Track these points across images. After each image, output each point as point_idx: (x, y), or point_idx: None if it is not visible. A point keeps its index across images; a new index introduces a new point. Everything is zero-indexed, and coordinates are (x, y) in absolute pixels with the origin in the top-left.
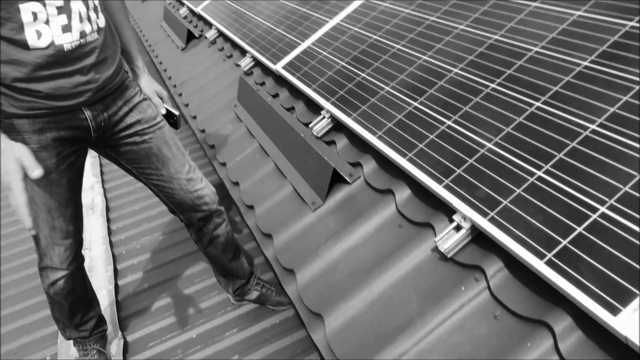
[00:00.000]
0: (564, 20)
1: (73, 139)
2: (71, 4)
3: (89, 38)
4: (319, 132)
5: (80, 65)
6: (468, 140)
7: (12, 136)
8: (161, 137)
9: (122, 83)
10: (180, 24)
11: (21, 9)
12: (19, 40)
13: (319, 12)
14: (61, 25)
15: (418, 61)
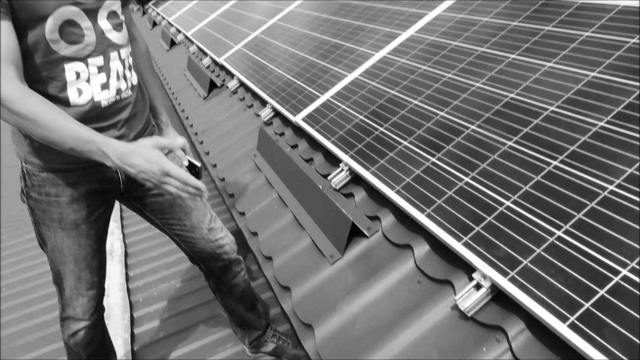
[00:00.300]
0: (579, 80)
1: (103, 191)
2: (110, 63)
3: (124, 95)
4: (338, 185)
5: (114, 120)
6: (486, 198)
7: (46, 189)
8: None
9: (150, 136)
10: (203, 74)
11: (66, 69)
12: (62, 97)
13: (338, 66)
14: (100, 83)
15: (435, 117)
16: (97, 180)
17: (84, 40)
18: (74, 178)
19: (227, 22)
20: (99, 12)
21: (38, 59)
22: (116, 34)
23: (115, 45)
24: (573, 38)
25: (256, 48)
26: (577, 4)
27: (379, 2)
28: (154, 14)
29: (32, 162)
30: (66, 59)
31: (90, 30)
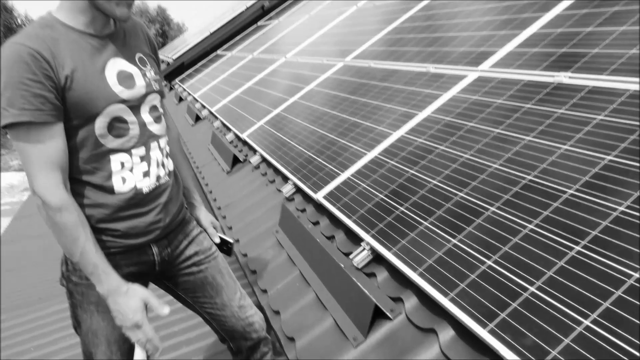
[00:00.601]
0: (595, 164)
1: (139, 274)
2: (151, 152)
3: (162, 181)
4: (359, 264)
5: (153, 205)
6: (510, 283)
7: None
8: (215, 266)
9: (183, 218)
10: (226, 149)
11: (111, 160)
12: (107, 186)
13: (358, 145)
14: (142, 172)
15: (455, 197)
16: (135, 263)
17: (129, 134)
18: (113, 262)
19: (249, 99)
20: (142, 107)
21: (87, 153)
22: (157, 126)
23: (156, 135)
24: (586, 121)
25: (278, 125)
26: (589, 88)
27: (396, 83)
28: (180, 90)
29: None
30: (112, 151)
31: (135, 124)
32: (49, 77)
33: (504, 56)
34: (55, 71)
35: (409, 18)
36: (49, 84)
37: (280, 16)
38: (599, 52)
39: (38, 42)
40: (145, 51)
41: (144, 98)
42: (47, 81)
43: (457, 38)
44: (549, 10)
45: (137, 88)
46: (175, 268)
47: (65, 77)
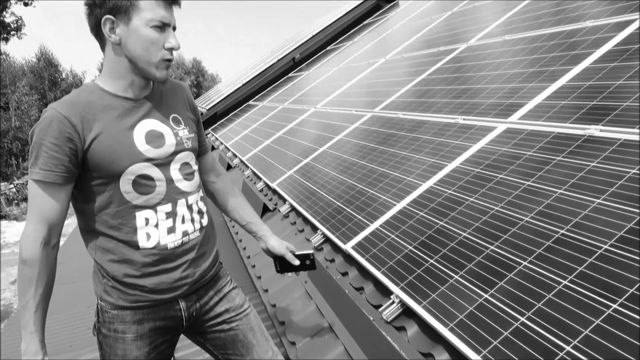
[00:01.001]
0: (630, 219)
1: (167, 328)
2: (177, 209)
3: (191, 237)
4: (389, 317)
5: (181, 261)
6: (544, 341)
7: (115, 326)
8: (247, 323)
9: (215, 274)
10: (256, 197)
11: (137, 216)
12: (132, 241)
13: (387, 195)
14: (167, 228)
15: (485, 251)
16: (162, 318)
17: (154, 191)
18: (140, 315)
19: (279, 148)
20: (171, 165)
21: (113, 209)
22: (186, 183)
23: (184, 192)
24: (619, 175)
25: (307, 174)
26: (620, 141)
27: (424, 134)
28: (213, 139)
29: (106, 299)
30: (137, 207)
31: (162, 181)
32: (71, 141)
33: (533, 108)
34: (80, 135)
35: (436, 69)
36: (68, 148)
37: (311, 68)
38: (629, 105)
39: (70, 107)
40: (181, 111)
41: (173, 156)
42: (68, 145)
43: (485, 89)
44: (578, 63)
45: (166, 147)
46: (205, 324)
47: (92, 139)
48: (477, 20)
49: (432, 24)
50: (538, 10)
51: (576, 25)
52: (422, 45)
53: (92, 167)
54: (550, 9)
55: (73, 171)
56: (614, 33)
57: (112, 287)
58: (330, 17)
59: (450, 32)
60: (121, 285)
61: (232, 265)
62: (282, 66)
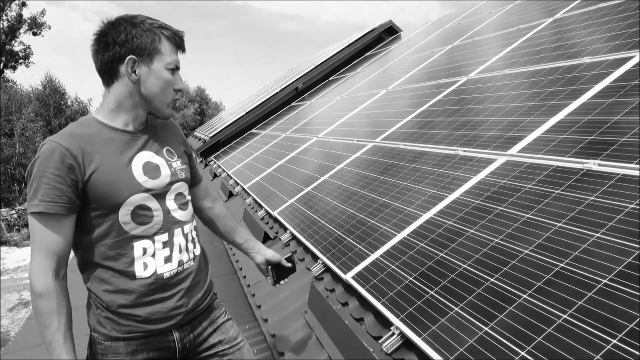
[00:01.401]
0: (629, 253)
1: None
2: (174, 238)
3: (186, 266)
4: (389, 349)
5: (175, 290)
6: None
7: (107, 357)
8: (240, 357)
9: (209, 305)
10: (257, 225)
11: (134, 246)
12: (129, 272)
13: (387, 225)
14: (164, 257)
15: (485, 283)
16: (156, 349)
17: (152, 221)
18: (134, 346)
19: (281, 177)
20: (167, 195)
21: (111, 240)
22: (181, 212)
23: (180, 222)
24: (618, 209)
25: (308, 203)
26: (618, 176)
27: (425, 165)
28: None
29: (99, 331)
30: (135, 237)
31: (159, 211)
32: (73, 171)
33: (532, 141)
34: (81, 166)
35: (437, 101)
36: (70, 179)
37: (313, 97)
38: (627, 140)
39: (70, 140)
40: (174, 144)
41: (169, 186)
42: (70, 175)
43: (486, 122)
44: (577, 98)
45: (162, 177)
46: (198, 356)
47: (92, 171)
48: (478, 54)
49: (433, 57)
50: (537, 46)
51: (575, 61)
52: (424, 77)
53: (92, 198)
54: (549, 45)
55: (75, 202)
56: (612, 69)
57: (106, 317)
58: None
59: (452, 64)
60: (115, 316)
61: (232, 294)
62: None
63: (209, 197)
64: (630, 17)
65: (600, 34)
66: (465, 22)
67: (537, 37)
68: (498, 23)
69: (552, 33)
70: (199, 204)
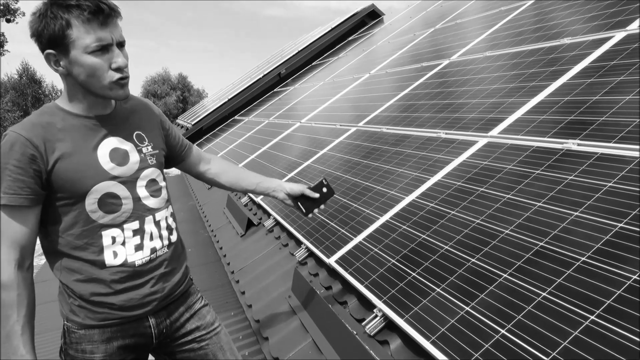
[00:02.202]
0: (607, 231)
1: (136, 346)
2: (145, 226)
3: (159, 253)
4: (372, 331)
5: (149, 277)
6: (525, 353)
7: (82, 346)
8: (217, 342)
9: (186, 290)
10: (241, 212)
11: (103, 235)
12: (98, 260)
13: (370, 209)
14: (134, 245)
15: (467, 263)
16: (131, 335)
17: (121, 209)
18: (108, 334)
19: (265, 163)
20: (137, 182)
21: (79, 229)
22: (153, 200)
23: (151, 209)
24: (596, 188)
25: None
26: (597, 155)
27: (407, 148)
28: None
29: (73, 320)
30: (104, 226)
31: (128, 199)
32: (35, 162)
33: (513, 122)
34: (43, 155)
35: (420, 84)
36: (32, 170)
37: (296, 83)
38: (606, 120)
39: (32, 129)
40: (145, 128)
41: (138, 173)
42: (32, 166)
43: (467, 104)
44: (557, 79)
45: (131, 164)
46: (175, 342)
47: (55, 160)
48: (460, 36)
49: (415, 40)
50: (518, 28)
51: (555, 42)
52: (406, 61)
53: (57, 188)
54: (530, 27)
55: (39, 192)
56: (592, 50)
57: (79, 306)
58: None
59: (434, 47)
60: (88, 304)
61: (218, 282)
62: (268, 81)
63: (203, 160)
64: None
65: (580, 15)
66: (447, 5)
67: (518, 18)
68: (480, 5)
69: (533, 15)
70: (196, 170)
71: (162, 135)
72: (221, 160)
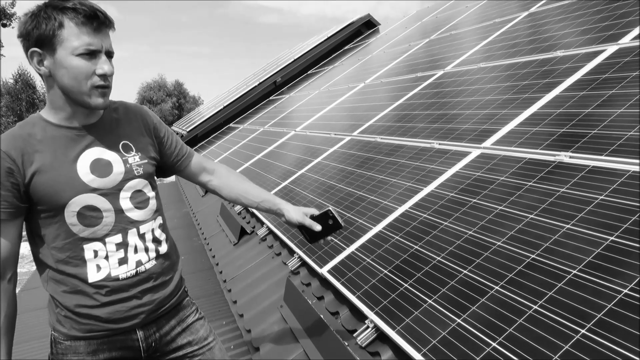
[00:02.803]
0: (598, 244)
1: (123, 359)
2: (128, 239)
3: (147, 266)
4: (363, 343)
5: (136, 291)
6: None
7: (68, 357)
8: (210, 357)
9: (178, 303)
10: (234, 220)
11: (85, 249)
12: (81, 275)
13: (363, 219)
14: (118, 259)
15: (459, 275)
16: (118, 348)
17: (101, 222)
18: (95, 346)
19: (259, 171)
20: (121, 194)
21: (60, 242)
22: (138, 212)
23: (135, 222)
24: (588, 201)
25: (286, 197)
26: (589, 168)
27: (401, 158)
28: None
29: (59, 330)
30: (85, 239)
31: (110, 212)
32: (12, 175)
33: (506, 134)
34: (20, 168)
35: (414, 95)
36: (10, 183)
37: (292, 91)
38: (598, 132)
39: (11, 142)
40: (134, 137)
41: (122, 184)
42: (9, 179)
43: (461, 115)
44: (550, 90)
45: (113, 175)
46: (165, 357)
47: (33, 172)
48: (455, 47)
49: (411, 50)
50: (513, 40)
51: (549, 55)
52: (401, 71)
53: (36, 200)
54: (524, 38)
55: (18, 205)
56: (584, 63)
57: (65, 316)
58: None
59: (429, 58)
60: (74, 315)
61: (211, 290)
62: (264, 89)
63: (205, 171)
64: (602, 12)
65: (573, 28)
66: (442, 16)
67: (512, 30)
68: (475, 16)
69: (527, 27)
70: (197, 180)
71: (155, 144)
72: (225, 172)
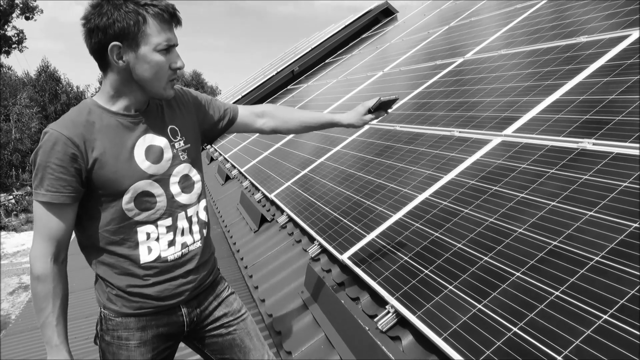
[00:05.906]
0: (622, 231)
1: (169, 334)
2: (177, 222)
3: (191, 247)
4: (384, 327)
5: (181, 272)
6: (537, 351)
7: (118, 333)
8: (244, 328)
9: (214, 280)
10: (254, 208)
11: (138, 231)
12: (133, 256)
13: (383, 206)
14: (167, 241)
15: (480, 262)
16: (164, 324)
17: (155, 207)
18: (144, 322)
19: (278, 160)
20: (170, 179)
21: (114, 226)
22: (185, 196)
23: (184, 205)
24: (612, 188)
25: (305, 185)
26: (612, 155)
27: (421, 146)
28: (212, 150)
29: (110, 308)
30: (139, 223)
31: (162, 197)
32: (76, 161)
33: (528, 121)
34: (84, 154)
35: (434, 82)
36: (74, 168)
37: (309, 80)
38: (621, 119)
39: (72, 128)
40: (178, 120)
41: (171, 169)
42: (73, 165)
43: (482, 102)
44: (573, 77)
45: (164, 161)
46: (204, 329)
47: (95, 159)
48: (475, 34)
49: (430, 38)
50: (534, 25)
51: (572, 40)
52: (420, 59)
53: (96, 186)
54: (546, 24)
55: (80, 190)
56: (609, 48)
57: (117, 295)
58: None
59: (448, 45)
60: (125, 294)
61: (231, 277)
62: (282, 79)
63: (257, 117)
64: None
65: (597, 12)
66: (461, 3)
67: (534, 16)
68: (495, 3)
69: (549, 12)
70: (253, 128)
71: (198, 122)
72: (276, 111)
